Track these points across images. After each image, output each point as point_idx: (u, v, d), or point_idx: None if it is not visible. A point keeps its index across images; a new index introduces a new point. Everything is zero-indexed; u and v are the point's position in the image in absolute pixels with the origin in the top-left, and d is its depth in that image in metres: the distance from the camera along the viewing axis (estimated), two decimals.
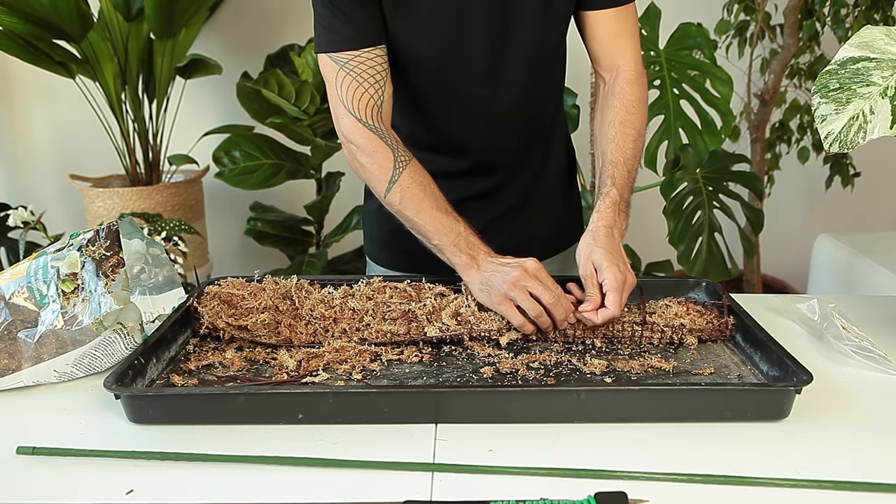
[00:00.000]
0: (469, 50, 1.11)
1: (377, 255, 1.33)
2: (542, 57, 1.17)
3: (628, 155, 1.12)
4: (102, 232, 1.01)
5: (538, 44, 1.15)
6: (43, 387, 0.94)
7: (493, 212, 1.25)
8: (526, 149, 1.24)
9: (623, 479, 0.72)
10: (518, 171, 1.24)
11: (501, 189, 1.24)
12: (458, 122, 1.18)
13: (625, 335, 1.01)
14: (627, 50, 1.17)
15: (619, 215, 1.07)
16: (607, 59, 1.18)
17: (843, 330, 1.02)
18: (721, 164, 1.93)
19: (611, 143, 1.13)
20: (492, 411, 0.83)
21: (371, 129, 1.07)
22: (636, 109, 1.15)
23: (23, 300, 0.96)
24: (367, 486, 0.72)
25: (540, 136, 1.25)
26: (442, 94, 1.16)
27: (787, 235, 2.75)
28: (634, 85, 1.16)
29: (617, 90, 1.16)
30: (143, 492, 0.71)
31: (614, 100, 1.16)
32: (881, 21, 2.29)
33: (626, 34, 1.16)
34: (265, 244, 2.58)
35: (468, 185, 1.23)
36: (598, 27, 1.16)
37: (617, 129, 1.13)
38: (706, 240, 1.88)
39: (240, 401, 0.82)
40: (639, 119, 1.15)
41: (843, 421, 0.84)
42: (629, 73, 1.17)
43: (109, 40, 2.35)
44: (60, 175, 2.73)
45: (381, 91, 1.08)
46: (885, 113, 0.89)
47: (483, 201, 1.24)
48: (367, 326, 1.01)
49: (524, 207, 1.27)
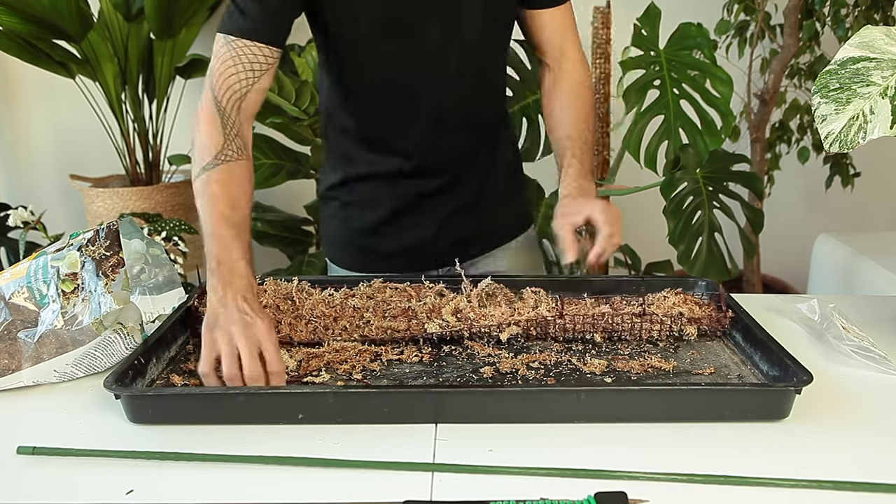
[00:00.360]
0: (417, 45, 1.12)
1: (336, 257, 1.33)
2: (489, 52, 1.20)
3: (582, 129, 1.19)
4: (102, 232, 1.01)
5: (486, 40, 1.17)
6: (43, 387, 0.94)
7: (449, 207, 1.26)
8: (475, 145, 1.25)
9: (623, 479, 0.72)
10: (469, 168, 1.26)
11: (454, 186, 1.25)
12: (412, 121, 1.19)
13: (624, 328, 1.01)
14: (572, 40, 1.25)
15: (587, 179, 1.14)
16: (553, 51, 1.25)
17: (843, 330, 1.02)
18: (721, 164, 1.93)
19: (564, 120, 1.21)
20: (492, 411, 0.83)
21: (219, 110, 1.02)
22: (583, 92, 1.23)
23: (23, 300, 0.96)
24: (367, 486, 0.72)
25: (488, 133, 1.27)
26: (391, 94, 1.17)
27: (787, 235, 2.75)
28: (580, 71, 1.24)
29: (564, 75, 1.24)
30: (143, 492, 0.71)
31: (564, 82, 1.24)
32: (881, 21, 2.29)
33: (569, 27, 1.24)
34: (265, 244, 2.58)
35: (420, 183, 1.23)
36: (544, 25, 1.23)
37: (568, 107, 1.22)
38: (706, 240, 1.88)
39: (240, 401, 0.82)
40: (586, 103, 1.23)
41: (843, 421, 0.84)
42: (574, 59, 1.25)
43: (109, 40, 2.35)
44: (60, 175, 2.73)
45: (251, 81, 1.05)
46: (885, 113, 0.89)
47: (437, 198, 1.25)
48: (367, 324, 1.01)
49: (478, 203, 1.28)
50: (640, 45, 1.91)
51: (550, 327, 1.00)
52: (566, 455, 0.76)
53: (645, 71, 1.91)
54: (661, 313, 1.01)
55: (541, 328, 1.01)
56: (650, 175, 1.94)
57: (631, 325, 1.00)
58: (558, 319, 1.00)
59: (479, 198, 1.28)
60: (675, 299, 1.04)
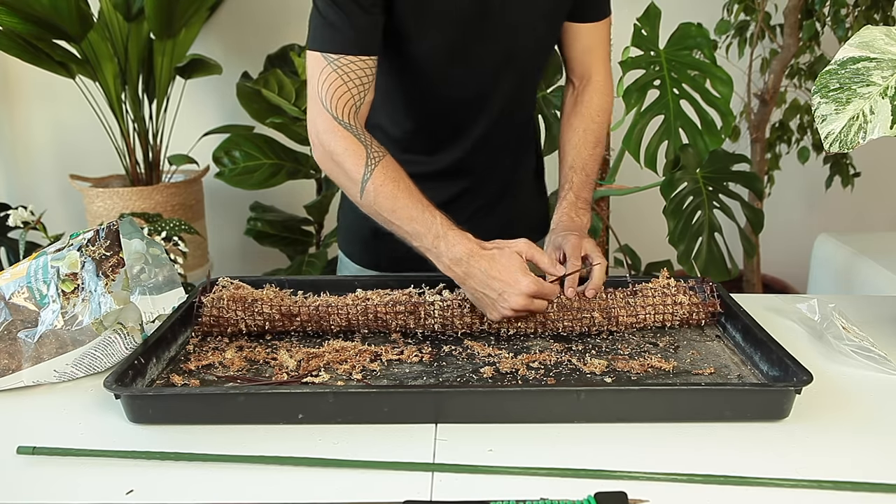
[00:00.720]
0: (478, 50, 1.11)
1: (353, 253, 1.33)
2: (536, 61, 1.20)
3: (586, 160, 1.20)
4: (102, 232, 1.01)
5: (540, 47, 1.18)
6: (43, 387, 0.94)
7: (468, 211, 1.26)
8: (506, 148, 1.26)
9: (623, 479, 0.72)
10: (495, 171, 1.26)
11: (477, 189, 1.26)
12: (452, 124, 1.19)
13: (619, 304, 1.03)
14: (600, 61, 1.24)
15: (578, 212, 1.17)
16: (581, 69, 1.25)
17: (843, 330, 1.02)
18: (721, 164, 1.93)
19: (572, 149, 1.21)
20: (492, 411, 0.83)
21: (346, 126, 1.04)
22: (600, 119, 1.23)
23: (23, 300, 0.96)
24: (367, 486, 0.72)
25: (520, 137, 1.28)
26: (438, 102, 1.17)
27: (787, 235, 2.75)
28: (602, 95, 1.24)
29: (585, 98, 1.24)
30: (143, 492, 0.71)
31: (581, 107, 1.23)
32: (881, 21, 2.29)
33: (600, 46, 1.23)
34: (265, 244, 2.58)
35: (448, 185, 1.24)
36: (576, 38, 1.22)
37: (580, 136, 1.21)
38: (706, 240, 1.88)
39: (240, 401, 0.82)
40: (601, 128, 1.23)
41: (843, 421, 0.84)
42: (598, 83, 1.24)
43: (109, 40, 2.35)
44: (60, 175, 2.73)
45: (363, 95, 1.06)
46: (885, 113, 0.89)
47: (457, 202, 1.25)
48: (369, 300, 1.03)
49: (497, 206, 1.29)
50: (640, 45, 1.91)
51: (549, 308, 1.01)
52: (566, 455, 0.76)
53: (645, 71, 1.91)
54: (652, 287, 1.05)
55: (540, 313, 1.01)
56: (650, 175, 1.94)
57: (625, 302, 1.03)
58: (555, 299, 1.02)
59: (499, 201, 1.28)
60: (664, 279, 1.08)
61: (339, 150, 1.03)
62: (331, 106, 1.03)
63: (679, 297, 1.04)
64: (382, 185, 1.01)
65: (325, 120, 1.03)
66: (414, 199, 1.02)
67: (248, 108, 2.43)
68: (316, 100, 1.04)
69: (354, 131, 1.04)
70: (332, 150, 1.03)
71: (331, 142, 1.03)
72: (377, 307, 1.02)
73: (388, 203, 1.01)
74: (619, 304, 1.03)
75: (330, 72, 1.03)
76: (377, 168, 1.02)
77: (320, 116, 1.04)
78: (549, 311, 1.02)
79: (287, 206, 2.72)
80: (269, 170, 2.38)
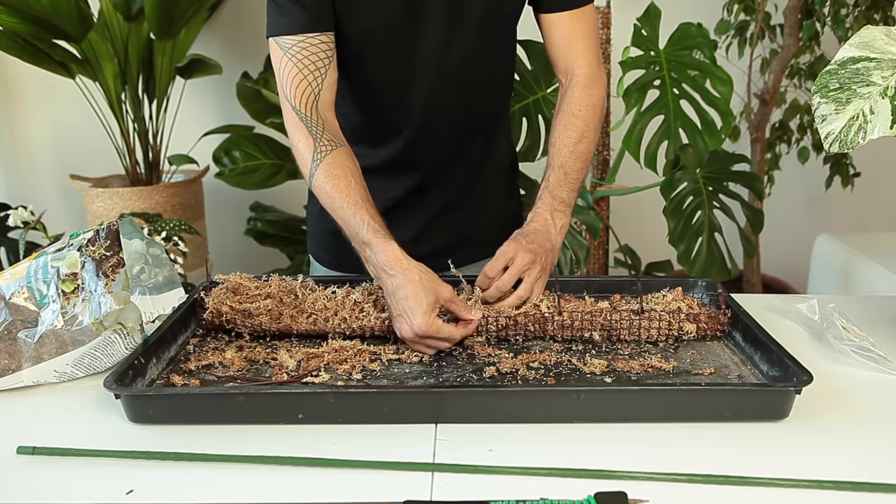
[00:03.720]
0: (418, 44, 1.11)
1: (321, 256, 1.34)
2: (486, 57, 1.18)
3: (566, 157, 1.15)
4: (102, 232, 1.01)
5: (486, 43, 1.15)
6: (43, 387, 0.94)
7: (433, 209, 1.25)
8: (466, 146, 1.23)
9: (623, 479, 0.72)
10: (455, 167, 1.24)
11: (443, 184, 1.24)
12: (400, 113, 1.17)
13: (623, 325, 1.00)
14: (581, 53, 1.18)
15: (554, 214, 1.12)
16: (563, 63, 1.20)
17: (843, 330, 1.02)
18: (721, 164, 1.93)
19: (552, 148, 1.17)
20: (492, 411, 0.83)
21: (302, 118, 1.06)
22: (582, 113, 1.17)
23: (23, 300, 0.96)
24: (367, 486, 0.72)
25: (481, 133, 1.25)
26: (384, 89, 1.16)
27: (787, 235, 2.75)
28: (585, 88, 1.18)
29: (568, 93, 1.18)
30: (143, 492, 0.71)
31: (563, 103, 1.18)
32: (881, 21, 2.29)
33: (580, 37, 1.17)
34: (265, 244, 2.58)
35: (408, 180, 1.22)
36: (552, 31, 1.18)
37: (560, 133, 1.16)
38: (706, 240, 1.88)
39: (240, 401, 0.82)
40: (583, 122, 1.16)
41: (843, 421, 0.84)
42: (582, 76, 1.18)
43: (109, 40, 2.35)
44: (60, 175, 2.73)
45: (320, 79, 1.07)
46: (885, 113, 0.89)
47: (419, 197, 1.24)
48: (365, 315, 1.02)
49: (460, 206, 1.27)
50: (640, 45, 1.91)
51: (549, 324, 1.00)
52: (566, 455, 0.76)
53: (645, 71, 1.91)
54: (661, 309, 1.01)
55: (539, 325, 1.01)
56: (650, 175, 1.94)
57: (630, 323, 1.00)
58: (556, 316, 1.00)
59: (468, 197, 1.27)
60: (674, 296, 1.05)
61: (295, 142, 1.06)
62: (291, 96, 1.06)
63: (687, 325, 1.00)
64: (324, 182, 1.03)
65: (288, 110, 1.07)
66: (350, 200, 1.02)
67: (248, 108, 2.43)
68: (281, 90, 1.07)
69: (308, 123, 1.06)
70: (292, 142, 1.07)
71: (290, 133, 1.07)
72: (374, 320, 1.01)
73: (327, 202, 1.04)
74: (623, 326, 1.00)
75: (286, 60, 1.05)
76: (321, 165, 1.04)
77: (285, 107, 1.07)
78: (549, 329, 1.01)
79: (287, 206, 2.71)
80: (269, 170, 2.38)
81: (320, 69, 1.06)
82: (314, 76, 1.06)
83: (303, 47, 1.05)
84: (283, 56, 1.06)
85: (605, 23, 2.19)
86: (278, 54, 1.06)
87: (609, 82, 2.23)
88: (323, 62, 1.06)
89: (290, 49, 1.05)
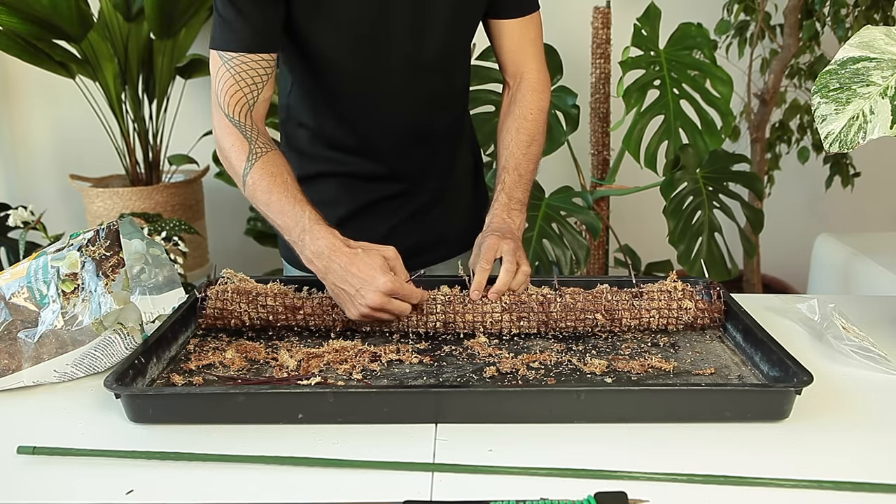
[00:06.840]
0: (385, 53, 1.13)
1: (289, 257, 1.33)
2: (451, 62, 1.21)
3: (519, 160, 1.19)
4: (102, 232, 1.01)
5: (450, 49, 1.18)
6: (43, 387, 0.94)
7: (404, 212, 1.27)
8: (436, 150, 1.26)
9: (623, 479, 0.72)
10: (429, 172, 1.27)
11: (412, 191, 1.27)
12: (372, 125, 1.20)
13: (623, 307, 1.03)
14: (531, 58, 1.23)
15: (511, 213, 1.16)
16: (512, 67, 1.24)
17: (843, 330, 1.02)
18: (721, 164, 1.93)
19: (505, 150, 1.20)
20: (492, 411, 0.83)
21: (235, 123, 1.07)
22: (533, 117, 1.21)
23: (23, 300, 0.96)
24: (367, 486, 0.72)
25: (449, 138, 1.28)
26: (356, 97, 1.18)
27: (787, 235, 2.75)
28: (535, 93, 1.22)
29: (518, 97, 1.22)
30: (143, 492, 0.71)
31: (514, 107, 1.22)
32: (881, 21, 2.29)
33: (529, 43, 1.22)
34: (265, 244, 2.58)
35: (376, 186, 1.25)
36: (503, 36, 1.21)
37: (512, 136, 1.20)
38: (706, 240, 1.88)
39: (240, 401, 0.82)
40: (534, 126, 1.21)
41: (843, 421, 0.84)
42: (531, 81, 1.22)
43: (109, 40, 2.35)
44: (60, 175, 2.73)
45: (256, 93, 1.08)
46: (885, 113, 0.89)
47: (393, 202, 1.26)
48: None
49: (434, 207, 1.29)
50: (640, 45, 1.92)
51: (552, 306, 1.01)
52: (566, 455, 0.76)
53: (645, 71, 1.91)
54: (657, 288, 1.04)
55: (542, 308, 1.01)
56: (650, 175, 1.94)
57: (630, 304, 1.03)
58: (559, 297, 1.02)
59: (436, 202, 1.29)
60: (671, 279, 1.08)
61: (227, 145, 1.07)
62: (224, 104, 1.07)
63: (685, 301, 1.03)
64: (260, 179, 1.04)
65: (219, 117, 1.08)
66: (288, 194, 1.04)
67: None
68: (214, 97, 1.08)
69: (242, 128, 1.07)
70: (222, 145, 1.08)
71: (221, 137, 1.08)
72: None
73: (263, 197, 1.04)
74: (624, 307, 1.03)
75: (224, 72, 1.07)
76: (257, 163, 1.05)
77: (216, 113, 1.08)
78: (553, 311, 1.02)
79: None
80: None
81: (257, 84, 1.08)
82: (250, 89, 1.08)
83: (242, 61, 1.06)
84: (223, 66, 1.07)
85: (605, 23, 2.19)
86: (217, 63, 1.07)
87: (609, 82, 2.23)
88: (261, 78, 1.08)
89: (229, 61, 1.06)
